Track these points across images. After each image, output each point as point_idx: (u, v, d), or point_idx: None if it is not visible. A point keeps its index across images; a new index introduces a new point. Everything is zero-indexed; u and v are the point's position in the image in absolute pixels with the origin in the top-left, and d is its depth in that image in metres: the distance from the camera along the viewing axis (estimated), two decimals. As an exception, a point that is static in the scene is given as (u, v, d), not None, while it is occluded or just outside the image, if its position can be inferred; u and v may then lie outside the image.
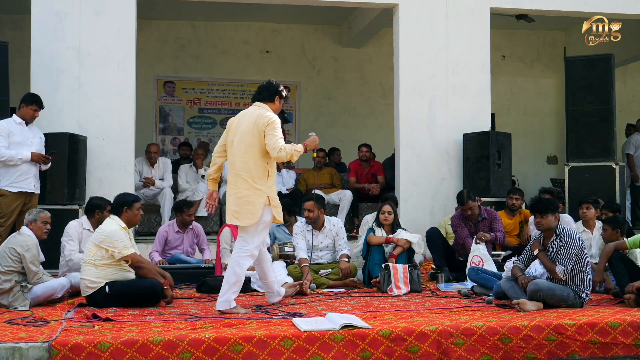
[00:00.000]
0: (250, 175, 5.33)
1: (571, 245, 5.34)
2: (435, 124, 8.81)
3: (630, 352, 4.67)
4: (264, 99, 5.55)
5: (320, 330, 4.44)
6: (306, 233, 6.97)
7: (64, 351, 4.15)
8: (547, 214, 5.45)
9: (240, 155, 5.38)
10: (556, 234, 5.46)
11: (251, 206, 5.31)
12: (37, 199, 7.08)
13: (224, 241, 6.90)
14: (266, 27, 12.35)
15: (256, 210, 5.30)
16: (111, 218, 5.80)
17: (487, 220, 7.25)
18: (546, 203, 5.53)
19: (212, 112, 12.38)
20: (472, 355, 4.51)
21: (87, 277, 5.58)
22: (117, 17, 8.21)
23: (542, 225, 5.48)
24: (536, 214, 5.52)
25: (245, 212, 5.32)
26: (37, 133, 7.17)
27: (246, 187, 5.33)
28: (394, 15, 9.04)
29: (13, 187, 6.85)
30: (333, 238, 7.04)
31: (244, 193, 5.34)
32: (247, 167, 5.35)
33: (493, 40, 9.20)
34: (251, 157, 5.35)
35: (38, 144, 7.09)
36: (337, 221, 7.20)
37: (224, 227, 7.08)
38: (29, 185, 6.93)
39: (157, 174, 9.16)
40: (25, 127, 7.01)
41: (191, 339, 4.27)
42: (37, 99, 7.05)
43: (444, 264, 7.19)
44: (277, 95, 5.56)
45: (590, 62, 8.67)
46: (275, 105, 5.55)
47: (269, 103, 5.54)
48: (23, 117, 6.99)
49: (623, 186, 8.66)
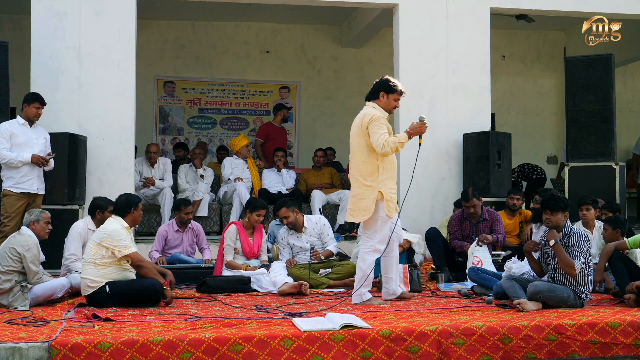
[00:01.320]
0: (360, 173, 5.61)
1: (581, 244, 5.36)
2: (435, 124, 8.79)
3: (630, 352, 4.67)
4: (370, 97, 5.75)
5: (320, 330, 4.44)
6: (289, 238, 7.01)
7: (64, 351, 4.15)
8: (558, 211, 5.44)
9: (352, 156, 5.72)
10: (565, 233, 5.45)
11: (363, 202, 5.57)
12: (41, 199, 7.09)
13: (228, 238, 6.90)
14: (266, 27, 12.36)
15: (368, 206, 5.55)
16: (113, 218, 5.81)
17: (488, 221, 7.23)
18: (558, 201, 5.52)
19: (212, 112, 12.39)
20: (472, 355, 4.52)
21: (88, 277, 5.59)
22: (117, 17, 8.22)
23: (551, 222, 5.47)
24: (546, 210, 5.51)
25: (359, 209, 5.60)
26: (42, 134, 7.16)
27: (358, 185, 5.63)
28: (394, 15, 9.04)
29: (17, 188, 6.86)
30: (318, 235, 7.05)
31: (356, 191, 5.65)
32: (357, 166, 5.65)
33: (493, 40, 9.20)
34: (359, 157, 5.62)
35: (42, 144, 7.08)
36: (318, 218, 7.21)
37: (231, 224, 7.08)
38: (31, 186, 6.93)
39: (157, 174, 9.16)
40: (28, 128, 7.01)
41: (191, 339, 4.27)
42: (38, 97, 7.04)
43: (444, 264, 7.19)
44: (382, 90, 5.67)
45: (590, 62, 8.66)
46: (382, 101, 5.67)
47: (374, 100, 5.69)
48: (27, 118, 7.00)
49: (623, 186, 8.66)
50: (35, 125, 7.09)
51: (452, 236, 7.31)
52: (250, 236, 6.99)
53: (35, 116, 7.01)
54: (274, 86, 12.48)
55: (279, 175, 9.60)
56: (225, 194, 9.33)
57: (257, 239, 7.00)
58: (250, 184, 9.40)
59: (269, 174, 9.61)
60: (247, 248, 6.91)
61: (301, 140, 12.54)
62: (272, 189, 9.29)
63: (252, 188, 9.39)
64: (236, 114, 12.45)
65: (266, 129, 10.62)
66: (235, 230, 6.94)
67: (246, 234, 6.96)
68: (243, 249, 6.91)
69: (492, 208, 7.78)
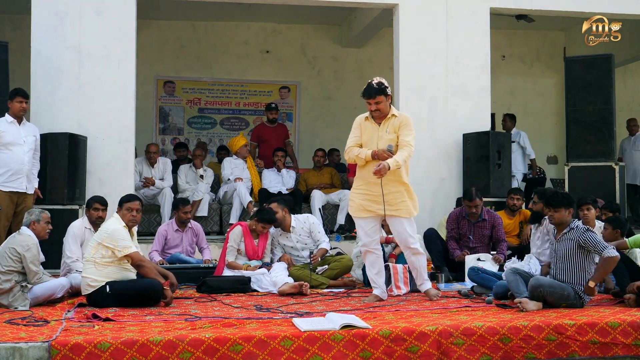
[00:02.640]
0: None
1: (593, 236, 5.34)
2: (435, 124, 8.81)
3: (630, 352, 4.66)
4: None
5: (320, 330, 4.44)
6: (279, 238, 7.05)
7: (64, 351, 4.15)
8: (560, 208, 5.44)
9: None
10: (570, 227, 5.45)
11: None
12: (31, 199, 7.04)
13: (232, 239, 6.88)
14: (266, 27, 12.36)
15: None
16: (114, 217, 5.82)
17: (487, 222, 7.21)
18: (561, 197, 5.51)
19: (212, 112, 12.39)
20: (472, 355, 4.51)
21: (88, 276, 5.60)
22: (117, 17, 8.22)
23: (554, 218, 5.48)
24: (549, 207, 5.50)
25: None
26: (31, 131, 7.08)
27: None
28: (394, 15, 9.04)
29: (4, 187, 6.82)
30: (309, 234, 7.06)
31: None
32: None
33: (493, 40, 9.20)
34: None
35: (32, 142, 7.02)
36: (305, 217, 7.22)
37: (237, 225, 7.07)
38: (20, 185, 6.89)
39: (157, 174, 9.16)
40: (17, 126, 6.93)
41: (191, 339, 4.27)
42: (19, 91, 6.94)
43: (443, 264, 7.18)
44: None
45: (590, 62, 8.67)
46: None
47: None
48: (14, 114, 6.91)
49: (623, 186, 8.66)
50: (24, 123, 7.03)
51: (449, 234, 7.30)
52: (255, 238, 6.96)
53: (20, 111, 6.91)
54: (274, 86, 12.48)
55: (278, 175, 9.60)
56: (225, 194, 9.33)
57: (262, 242, 6.96)
58: (250, 184, 9.40)
59: (269, 174, 9.61)
60: (251, 251, 6.89)
61: (301, 140, 12.54)
62: (272, 189, 9.29)
63: (251, 188, 9.39)
64: (236, 114, 12.45)
65: (258, 131, 10.62)
66: (241, 232, 6.91)
67: (252, 236, 6.94)
68: (247, 251, 6.88)
69: (492, 208, 7.78)
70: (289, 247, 7.03)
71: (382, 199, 5.64)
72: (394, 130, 5.67)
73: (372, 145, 5.65)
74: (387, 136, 5.65)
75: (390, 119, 5.70)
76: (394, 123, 5.70)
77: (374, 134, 5.69)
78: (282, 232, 7.04)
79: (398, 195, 5.69)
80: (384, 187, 5.63)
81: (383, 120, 5.71)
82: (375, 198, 5.68)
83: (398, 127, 5.67)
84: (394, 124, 5.69)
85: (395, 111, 5.75)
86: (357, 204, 5.79)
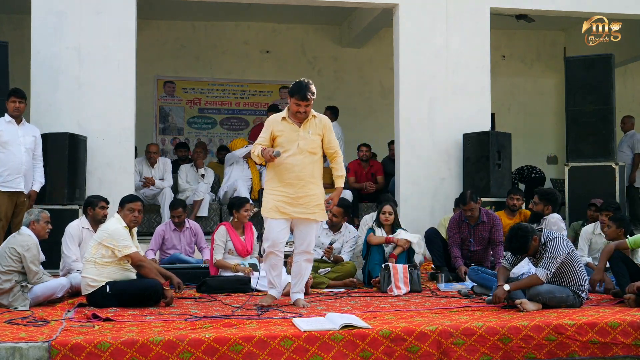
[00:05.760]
0: None
1: (557, 250, 5.27)
2: (435, 124, 8.81)
3: (630, 352, 4.67)
4: None
5: (320, 330, 4.44)
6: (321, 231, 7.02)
7: (64, 351, 4.15)
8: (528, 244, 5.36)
9: None
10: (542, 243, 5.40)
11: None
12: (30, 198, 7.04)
13: (218, 239, 6.90)
14: (266, 27, 12.36)
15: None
16: (114, 217, 5.82)
17: (487, 224, 7.19)
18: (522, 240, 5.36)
19: (212, 112, 12.39)
20: (472, 355, 4.52)
21: (89, 276, 5.60)
22: (117, 17, 8.21)
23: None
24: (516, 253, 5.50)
25: None
26: (30, 131, 7.09)
27: None
28: (394, 15, 9.04)
29: (3, 187, 6.82)
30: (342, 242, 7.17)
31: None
32: None
33: (493, 40, 9.20)
34: None
35: (31, 142, 7.02)
36: (352, 229, 7.31)
37: (220, 225, 7.09)
38: (18, 185, 6.89)
39: (157, 174, 9.16)
40: (15, 126, 6.94)
41: (191, 339, 4.27)
42: (15, 91, 6.95)
43: (444, 264, 7.17)
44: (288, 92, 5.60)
45: (590, 62, 8.66)
46: (289, 103, 5.57)
47: None
48: (11, 115, 6.93)
49: (623, 186, 8.65)
50: (23, 123, 7.03)
51: (451, 240, 7.25)
52: (241, 235, 6.99)
53: (14, 110, 6.90)
54: (274, 86, 12.48)
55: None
56: (225, 194, 9.32)
57: (248, 237, 7.01)
58: (250, 184, 9.40)
59: (269, 174, 9.60)
60: (240, 247, 6.91)
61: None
62: (272, 189, 9.28)
63: (252, 188, 9.39)
64: (236, 114, 12.45)
65: (257, 132, 10.59)
66: (225, 230, 6.93)
67: (237, 233, 6.96)
68: (236, 249, 6.89)
69: (492, 208, 7.76)
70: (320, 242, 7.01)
71: (298, 201, 5.49)
72: (317, 131, 5.54)
73: (294, 146, 5.47)
74: (309, 137, 5.49)
75: (310, 119, 5.55)
76: (315, 124, 5.56)
77: (294, 134, 5.50)
78: (329, 229, 7.15)
79: (314, 198, 5.54)
80: (302, 189, 5.50)
81: (303, 121, 5.57)
82: (291, 200, 5.49)
83: (322, 129, 5.56)
84: (315, 124, 5.55)
85: (313, 111, 5.60)
86: (272, 205, 5.52)
